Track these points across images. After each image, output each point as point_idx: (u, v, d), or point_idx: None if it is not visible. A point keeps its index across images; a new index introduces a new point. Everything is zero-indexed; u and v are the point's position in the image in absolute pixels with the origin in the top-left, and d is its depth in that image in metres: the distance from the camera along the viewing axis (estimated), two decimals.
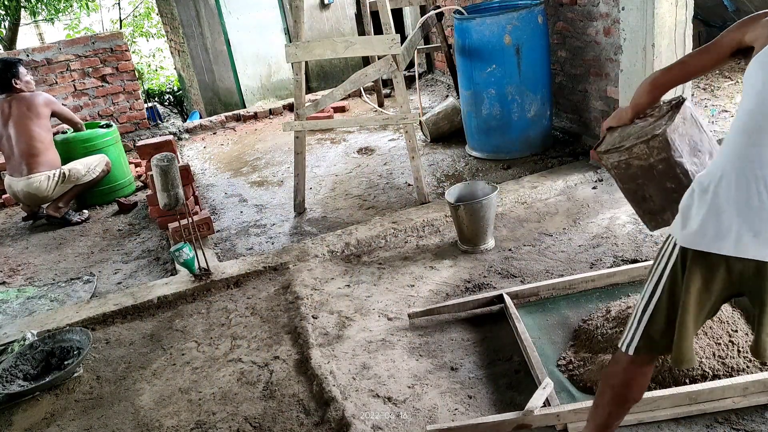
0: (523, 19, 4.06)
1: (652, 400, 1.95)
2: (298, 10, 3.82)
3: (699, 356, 2.07)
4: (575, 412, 1.97)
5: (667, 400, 1.96)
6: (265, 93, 8.94)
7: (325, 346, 2.61)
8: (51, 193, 4.52)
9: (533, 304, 2.66)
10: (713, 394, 1.96)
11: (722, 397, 1.96)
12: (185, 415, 2.37)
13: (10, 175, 4.53)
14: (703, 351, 2.08)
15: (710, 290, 1.48)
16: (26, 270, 3.99)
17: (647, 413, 1.96)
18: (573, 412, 1.97)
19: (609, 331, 2.27)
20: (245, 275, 3.31)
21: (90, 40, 6.35)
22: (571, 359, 2.27)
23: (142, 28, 13.23)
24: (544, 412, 1.98)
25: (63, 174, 4.52)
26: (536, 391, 2.05)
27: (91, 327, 3.06)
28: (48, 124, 4.57)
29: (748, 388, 1.96)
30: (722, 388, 1.96)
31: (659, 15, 3.50)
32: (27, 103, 4.48)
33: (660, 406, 1.96)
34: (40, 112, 4.49)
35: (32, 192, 4.48)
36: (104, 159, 4.74)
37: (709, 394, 1.95)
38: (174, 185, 3.19)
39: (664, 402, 1.96)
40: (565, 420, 1.98)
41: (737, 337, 2.13)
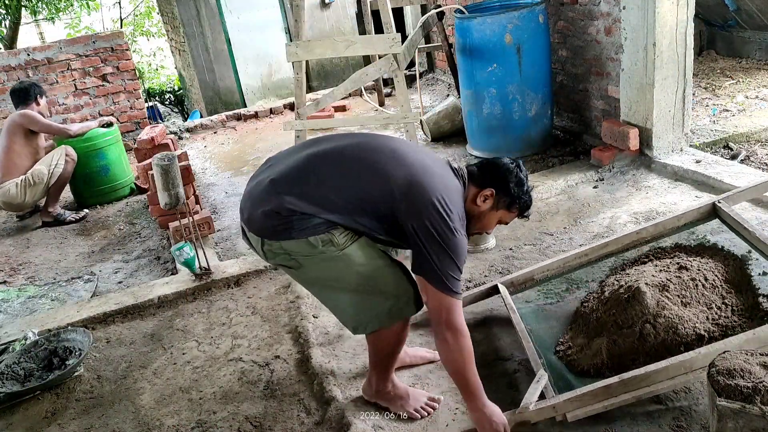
0: (524, 18, 4.06)
1: (647, 375, 1.90)
2: (298, 9, 3.82)
3: (692, 323, 2.03)
4: (571, 401, 1.94)
5: (662, 373, 1.90)
6: (265, 92, 8.94)
7: (326, 345, 2.61)
8: (24, 198, 4.60)
9: (530, 290, 2.62)
10: (708, 358, 1.86)
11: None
12: (186, 415, 2.37)
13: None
14: (696, 317, 2.04)
15: None
16: (27, 269, 3.99)
17: (644, 389, 1.92)
18: (569, 402, 1.94)
19: (603, 315, 2.24)
20: (246, 274, 3.31)
21: (91, 40, 6.35)
22: (569, 345, 2.25)
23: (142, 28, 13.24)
24: (540, 406, 1.96)
25: (28, 179, 4.56)
26: (531, 385, 2.04)
27: (92, 326, 3.06)
28: (22, 139, 4.62)
29: (743, 347, 1.89)
30: (715, 351, 1.87)
31: (660, 14, 3.50)
32: (10, 120, 4.63)
33: (656, 380, 1.91)
34: (14, 130, 4.58)
35: (7, 200, 4.59)
36: (63, 150, 4.73)
37: (704, 359, 1.89)
38: (175, 184, 3.19)
39: (659, 375, 1.91)
40: (561, 410, 1.95)
41: (730, 298, 2.10)
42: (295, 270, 1.97)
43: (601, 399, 1.93)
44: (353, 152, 1.96)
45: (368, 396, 2.22)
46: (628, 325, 2.13)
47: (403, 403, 2.14)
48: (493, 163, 2.07)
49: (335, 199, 1.87)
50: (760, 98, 4.73)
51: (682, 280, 2.21)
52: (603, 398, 1.93)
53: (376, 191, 1.86)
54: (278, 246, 1.90)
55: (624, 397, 1.93)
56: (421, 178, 1.85)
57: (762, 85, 5.03)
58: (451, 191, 1.89)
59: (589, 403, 1.94)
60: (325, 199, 1.87)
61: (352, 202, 1.86)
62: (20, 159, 4.60)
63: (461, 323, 1.86)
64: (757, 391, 1.60)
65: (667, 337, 2.03)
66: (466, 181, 2.03)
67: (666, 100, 3.72)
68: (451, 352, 1.87)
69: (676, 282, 2.21)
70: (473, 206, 2.02)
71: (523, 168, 2.09)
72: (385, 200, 1.85)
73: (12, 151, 4.57)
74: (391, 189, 1.84)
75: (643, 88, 3.73)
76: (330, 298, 2.04)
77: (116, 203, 5.03)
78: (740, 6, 5.48)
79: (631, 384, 1.91)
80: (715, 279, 2.21)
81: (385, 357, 2.10)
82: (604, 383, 1.93)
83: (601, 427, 1.97)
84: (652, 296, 2.14)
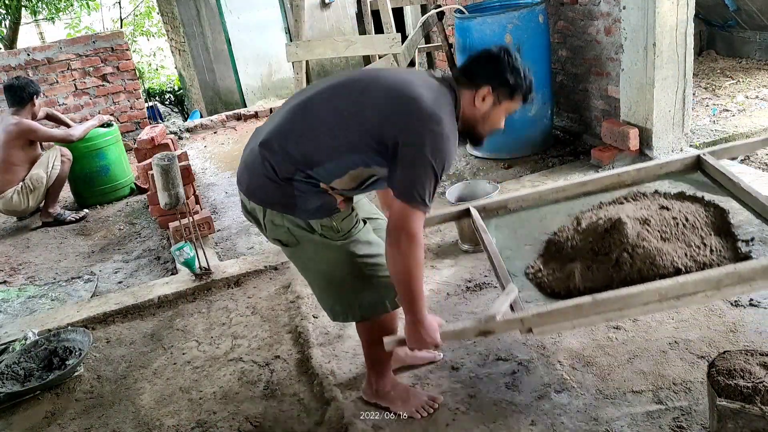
0: (524, 18, 4.06)
1: (620, 298, 1.84)
2: (298, 9, 3.82)
3: (671, 256, 1.97)
4: (540, 316, 1.87)
5: (636, 297, 1.85)
6: (265, 92, 8.94)
7: (326, 345, 2.61)
8: (27, 204, 4.59)
9: (502, 218, 2.53)
10: (684, 288, 1.84)
11: (694, 291, 1.85)
12: (186, 415, 2.37)
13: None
14: (675, 252, 1.99)
15: None
16: (27, 269, 3.99)
17: (615, 312, 1.87)
18: (538, 316, 1.87)
19: (579, 243, 2.17)
20: (246, 274, 3.31)
21: (91, 40, 6.35)
22: (539, 267, 2.18)
23: (142, 28, 13.23)
24: (507, 317, 1.88)
25: (27, 185, 4.55)
26: (499, 297, 1.96)
27: (92, 326, 3.06)
28: (21, 151, 4.57)
29: (721, 280, 1.85)
30: (694, 282, 1.84)
31: (660, 14, 3.50)
32: (6, 129, 4.52)
33: (629, 304, 1.85)
34: (13, 142, 4.51)
35: (10, 208, 4.59)
36: (58, 152, 4.71)
37: (680, 288, 1.84)
38: (175, 184, 3.19)
39: (633, 300, 1.85)
40: (529, 324, 1.88)
41: (710, 239, 2.06)
42: (291, 248, 1.96)
43: (571, 318, 1.87)
44: (335, 91, 1.90)
45: (368, 397, 2.22)
46: (605, 253, 2.05)
47: (403, 402, 2.14)
48: (479, 58, 1.93)
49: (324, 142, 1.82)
50: (760, 98, 4.73)
51: (663, 217, 2.15)
52: (573, 317, 1.87)
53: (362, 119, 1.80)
54: (280, 218, 1.90)
55: (594, 319, 1.87)
56: (404, 93, 1.79)
57: (762, 85, 5.03)
58: (439, 102, 1.80)
59: (558, 320, 1.87)
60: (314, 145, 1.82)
61: (341, 141, 1.81)
62: (19, 168, 4.57)
63: (418, 233, 1.77)
64: (757, 391, 1.60)
65: (644, 267, 1.96)
66: (457, 88, 1.91)
67: (666, 100, 3.72)
68: (402, 257, 1.77)
69: (656, 218, 2.14)
70: (474, 109, 1.93)
71: (512, 51, 1.93)
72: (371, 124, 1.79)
73: (11, 163, 4.53)
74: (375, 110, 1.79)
75: (643, 88, 3.73)
76: (317, 284, 2.04)
77: (116, 203, 5.03)
78: (740, 6, 5.48)
79: (603, 305, 1.84)
80: (696, 221, 2.14)
81: (378, 350, 2.07)
82: (576, 301, 1.86)
83: (601, 427, 1.97)
84: (633, 227, 2.08)
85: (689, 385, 2.08)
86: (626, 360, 2.25)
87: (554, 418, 2.04)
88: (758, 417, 1.56)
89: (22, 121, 4.53)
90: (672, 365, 2.19)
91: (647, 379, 2.14)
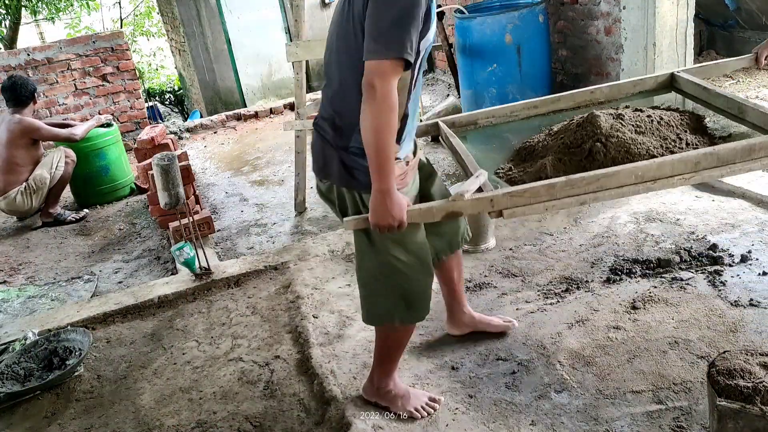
0: (524, 18, 4.06)
1: (596, 178, 1.79)
2: (298, 9, 3.82)
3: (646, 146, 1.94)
4: (511, 195, 1.81)
5: (612, 178, 1.79)
6: (265, 92, 8.93)
7: (326, 345, 2.61)
8: (31, 205, 4.59)
9: (472, 133, 2.46)
10: (662, 170, 1.80)
11: (671, 173, 1.81)
12: (186, 415, 2.37)
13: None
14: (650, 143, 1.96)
15: None
16: (27, 269, 3.99)
17: (590, 194, 1.82)
18: (509, 196, 1.81)
19: (550, 142, 2.11)
20: (246, 274, 3.31)
21: (91, 40, 6.35)
22: (510, 167, 2.13)
23: (142, 28, 13.21)
24: (476, 196, 1.81)
25: (31, 185, 4.55)
26: (468, 179, 1.89)
27: (92, 326, 3.06)
28: (24, 151, 4.58)
29: (699, 162, 1.81)
30: (671, 163, 1.80)
31: (660, 14, 3.50)
32: (9, 127, 4.52)
33: (604, 186, 1.80)
34: (16, 140, 4.52)
35: (14, 209, 4.59)
36: (62, 152, 4.72)
37: (657, 170, 1.80)
38: (175, 184, 3.19)
39: (608, 181, 1.79)
40: (499, 205, 1.82)
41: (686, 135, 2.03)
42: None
43: (544, 198, 1.81)
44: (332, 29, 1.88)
45: (368, 395, 2.22)
46: (577, 145, 2.01)
47: (403, 402, 2.14)
48: None
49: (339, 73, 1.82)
50: (760, 98, 4.73)
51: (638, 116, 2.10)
52: (545, 197, 1.81)
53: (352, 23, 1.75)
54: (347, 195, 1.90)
55: (567, 201, 1.81)
56: None
57: (762, 85, 5.03)
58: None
59: (529, 202, 1.82)
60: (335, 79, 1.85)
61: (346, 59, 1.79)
62: (22, 168, 4.58)
63: (385, 88, 1.63)
64: (757, 391, 1.60)
65: (618, 155, 1.92)
66: None
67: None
68: (369, 117, 1.66)
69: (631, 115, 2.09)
70: None
71: None
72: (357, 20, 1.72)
73: (14, 163, 4.53)
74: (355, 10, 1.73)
75: None
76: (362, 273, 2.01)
77: (116, 203, 5.03)
78: (740, 6, 5.48)
79: (577, 185, 1.79)
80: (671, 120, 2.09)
81: (390, 352, 2.12)
82: (549, 182, 1.81)
83: (601, 427, 1.97)
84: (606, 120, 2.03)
85: (689, 385, 2.08)
86: (626, 360, 2.25)
87: (554, 418, 2.04)
88: (758, 417, 1.56)
89: (24, 119, 4.53)
90: (672, 365, 2.19)
91: (647, 379, 2.14)
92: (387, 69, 1.64)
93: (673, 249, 2.91)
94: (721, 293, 2.53)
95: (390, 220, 1.75)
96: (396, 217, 1.76)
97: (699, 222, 3.10)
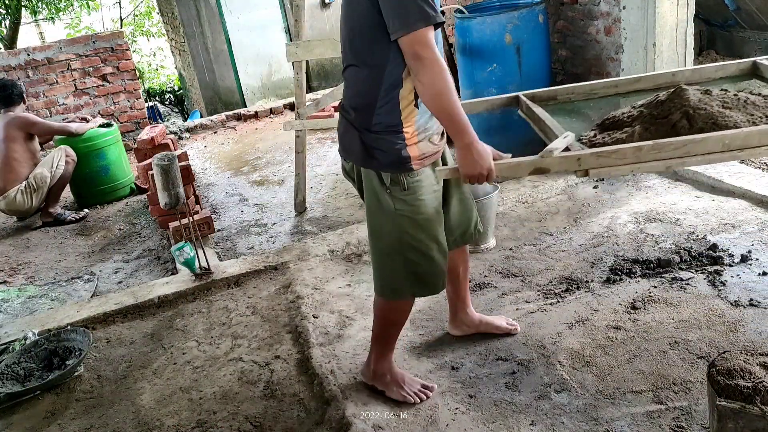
0: (524, 18, 4.06)
1: (683, 143, 1.81)
2: (298, 9, 3.82)
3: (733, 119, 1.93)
4: (598, 156, 1.83)
5: (698, 144, 1.81)
6: (265, 92, 8.94)
7: (326, 345, 2.61)
8: (31, 204, 4.59)
9: (552, 107, 2.46)
10: (749, 139, 1.81)
11: (759, 144, 1.83)
12: (186, 415, 2.37)
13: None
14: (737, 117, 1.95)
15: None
16: (27, 269, 3.99)
17: (677, 159, 1.84)
18: (596, 156, 1.83)
19: (636, 114, 2.11)
20: (246, 274, 3.31)
21: (91, 40, 6.35)
22: (595, 134, 2.13)
23: (142, 28, 13.22)
24: (563, 155, 1.85)
25: (31, 183, 4.55)
26: (557, 139, 1.92)
27: (92, 326, 3.06)
28: (22, 145, 4.60)
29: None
30: (759, 133, 1.81)
31: (660, 14, 3.50)
32: (4, 123, 4.56)
33: (691, 152, 1.82)
34: (13, 135, 4.54)
35: (14, 208, 4.59)
36: (63, 151, 4.72)
37: (744, 139, 1.81)
38: (175, 184, 3.19)
39: (695, 147, 1.81)
40: (585, 165, 1.84)
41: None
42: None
43: (630, 161, 1.83)
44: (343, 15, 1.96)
45: (366, 378, 2.28)
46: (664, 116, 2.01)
47: (398, 387, 2.21)
48: None
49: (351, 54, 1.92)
50: None
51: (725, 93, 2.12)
52: (632, 160, 1.83)
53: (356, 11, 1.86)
54: (364, 173, 1.99)
55: (654, 165, 1.82)
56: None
57: None
58: None
59: (616, 164, 1.84)
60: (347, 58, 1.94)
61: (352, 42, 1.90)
62: (20, 165, 4.59)
63: (431, 53, 1.73)
64: (757, 391, 1.60)
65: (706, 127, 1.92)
66: None
67: None
68: (427, 86, 1.76)
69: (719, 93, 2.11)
70: None
71: None
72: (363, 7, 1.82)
73: (13, 159, 4.54)
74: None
75: None
76: (375, 248, 2.10)
77: (116, 203, 5.03)
78: (740, 6, 5.48)
79: (664, 150, 1.81)
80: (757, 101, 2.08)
81: (389, 329, 2.18)
82: (637, 144, 1.83)
83: (601, 427, 1.97)
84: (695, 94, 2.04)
85: (689, 385, 2.08)
86: (626, 360, 2.25)
87: (554, 418, 2.04)
88: (758, 417, 1.56)
89: (19, 114, 4.61)
90: (672, 365, 2.19)
91: (647, 379, 2.14)
92: (424, 37, 1.72)
93: (673, 249, 2.91)
94: (721, 293, 2.53)
95: (479, 168, 1.83)
96: (485, 166, 1.83)
97: (699, 222, 3.10)
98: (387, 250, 2.05)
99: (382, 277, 2.11)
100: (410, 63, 1.76)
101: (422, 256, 2.03)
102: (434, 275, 2.09)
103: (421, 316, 2.72)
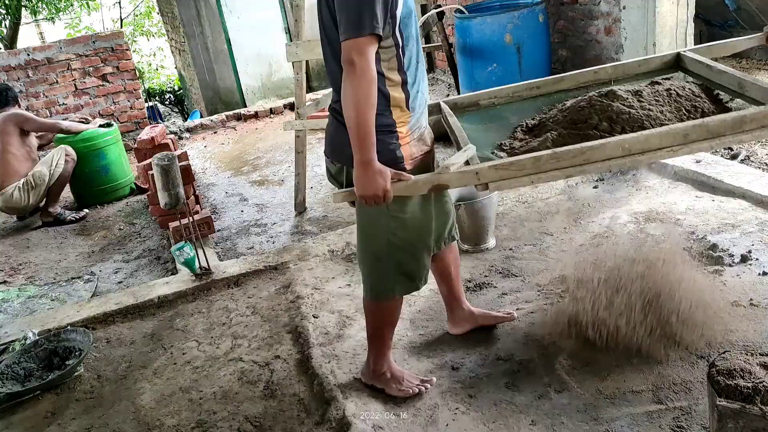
0: (524, 18, 4.06)
1: (581, 151, 1.78)
2: (298, 9, 3.82)
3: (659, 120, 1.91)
4: (497, 168, 1.80)
5: (597, 151, 1.78)
6: (265, 92, 8.94)
7: (326, 345, 2.61)
8: (28, 202, 4.59)
9: (474, 114, 2.44)
10: (649, 142, 1.77)
11: (659, 146, 1.78)
12: (186, 415, 2.37)
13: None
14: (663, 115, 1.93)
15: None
16: (27, 269, 3.99)
17: (576, 167, 1.81)
18: (494, 169, 1.80)
19: (560, 117, 2.07)
20: (246, 274, 3.31)
21: (91, 40, 6.35)
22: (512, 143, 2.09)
23: (142, 27, 13.23)
24: (462, 170, 1.82)
25: (29, 181, 4.55)
26: (456, 153, 1.91)
27: (92, 326, 3.06)
28: (17, 139, 4.63)
29: (688, 134, 1.78)
30: (659, 135, 1.77)
31: (660, 14, 3.51)
32: (1, 119, 4.59)
33: (590, 159, 1.79)
34: (8, 130, 4.57)
35: (11, 205, 4.59)
36: (63, 150, 4.73)
37: (644, 142, 1.77)
38: (175, 184, 3.19)
39: (594, 153, 1.78)
40: (485, 178, 1.81)
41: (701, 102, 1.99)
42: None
43: (530, 172, 1.80)
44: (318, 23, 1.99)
45: (366, 378, 2.30)
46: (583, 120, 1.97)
47: (396, 384, 2.23)
48: None
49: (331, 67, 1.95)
50: None
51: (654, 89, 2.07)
52: (531, 170, 1.80)
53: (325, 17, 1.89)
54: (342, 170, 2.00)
55: (554, 174, 1.80)
56: None
57: None
58: None
59: (515, 175, 1.81)
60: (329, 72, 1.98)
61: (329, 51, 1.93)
62: (17, 162, 4.59)
63: (363, 63, 1.72)
64: (757, 391, 1.60)
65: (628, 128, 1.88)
66: None
67: None
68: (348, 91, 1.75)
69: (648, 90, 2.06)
70: None
71: None
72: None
73: (9, 154, 4.55)
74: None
75: None
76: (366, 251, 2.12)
77: (116, 203, 5.03)
78: (740, 6, 5.48)
79: (563, 158, 1.78)
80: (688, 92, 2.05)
81: (382, 329, 2.21)
82: (535, 155, 1.80)
83: (601, 427, 1.97)
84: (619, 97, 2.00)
85: (689, 385, 2.08)
86: (626, 360, 2.25)
87: (554, 418, 2.04)
88: (758, 417, 1.56)
89: (16, 111, 4.66)
90: (672, 365, 2.19)
91: (647, 379, 2.14)
92: (361, 45, 1.73)
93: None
94: (721, 293, 2.53)
95: (374, 190, 1.79)
96: (380, 188, 1.79)
97: (699, 222, 3.10)
98: (378, 252, 2.07)
99: (372, 280, 2.14)
100: (344, 67, 1.76)
101: (411, 256, 2.08)
102: (419, 273, 2.14)
103: (421, 316, 2.72)
